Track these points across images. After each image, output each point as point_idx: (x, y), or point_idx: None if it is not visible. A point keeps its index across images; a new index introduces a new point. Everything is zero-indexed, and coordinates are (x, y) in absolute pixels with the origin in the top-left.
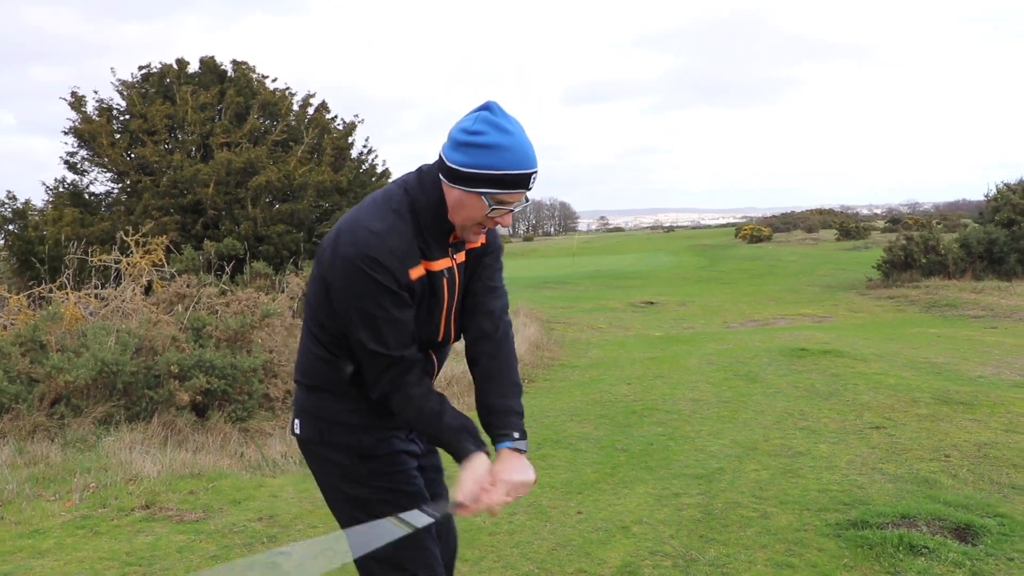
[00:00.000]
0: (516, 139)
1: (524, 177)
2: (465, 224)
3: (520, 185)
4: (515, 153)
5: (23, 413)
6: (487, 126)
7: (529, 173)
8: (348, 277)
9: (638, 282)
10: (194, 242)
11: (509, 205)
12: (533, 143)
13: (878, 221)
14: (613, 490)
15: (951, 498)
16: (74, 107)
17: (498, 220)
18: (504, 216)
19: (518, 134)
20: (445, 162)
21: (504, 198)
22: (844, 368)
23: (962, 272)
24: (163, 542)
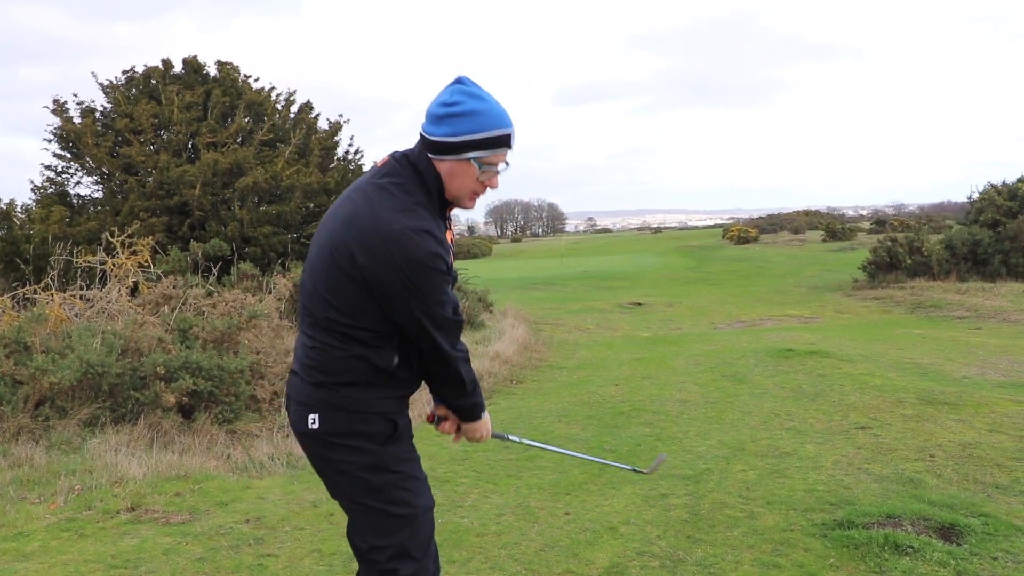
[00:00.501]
0: (491, 104)
1: (506, 137)
2: (460, 193)
3: (503, 144)
4: (493, 116)
5: (7, 415)
6: (463, 96)
7: (509, 132)
8: (419, 277)
9: (626, 283)
10: (180, 243)
11: (495, 166)
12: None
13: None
14: (601, 491)
15: (936, 498)
16: (57, 113)
17: (487, 183)
18: (492, 178)
19: (491, 100)
20: (430, 138)
21: (490, 159)
22: (830, 369)
23: (947, 273)
24: (149, 544)
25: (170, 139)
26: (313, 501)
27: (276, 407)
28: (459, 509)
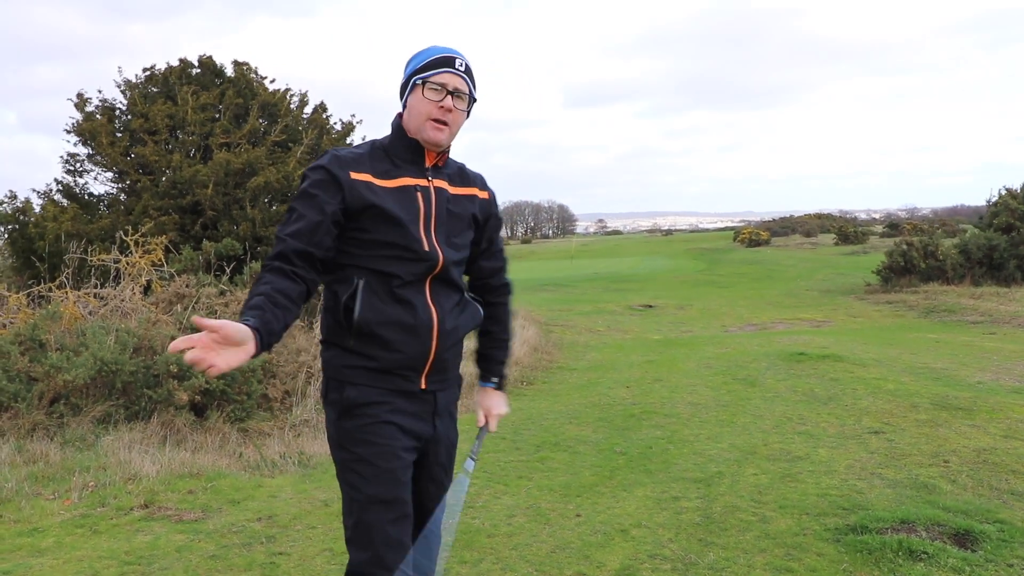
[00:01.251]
0: (434, 46)
1: (447, 58)
2: (419, 123)
3: (444, 64)
4: (432, 48)
5: (22, 412)
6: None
7: (451, 56)
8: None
9: (636, 285)
10: (193, 242)
11: (444, 86)
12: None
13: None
14: (612, 493)
15: (950, 503)
16: (78, 107)
17: (440, 103)
18: (445, 98)
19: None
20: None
21: (434, 79)
22: (843, 373)
23: (961, 278)
24: (162, 541)
25: (184, 139)
26: (325, 500)
27: (288, 406)
28: (470, 510)
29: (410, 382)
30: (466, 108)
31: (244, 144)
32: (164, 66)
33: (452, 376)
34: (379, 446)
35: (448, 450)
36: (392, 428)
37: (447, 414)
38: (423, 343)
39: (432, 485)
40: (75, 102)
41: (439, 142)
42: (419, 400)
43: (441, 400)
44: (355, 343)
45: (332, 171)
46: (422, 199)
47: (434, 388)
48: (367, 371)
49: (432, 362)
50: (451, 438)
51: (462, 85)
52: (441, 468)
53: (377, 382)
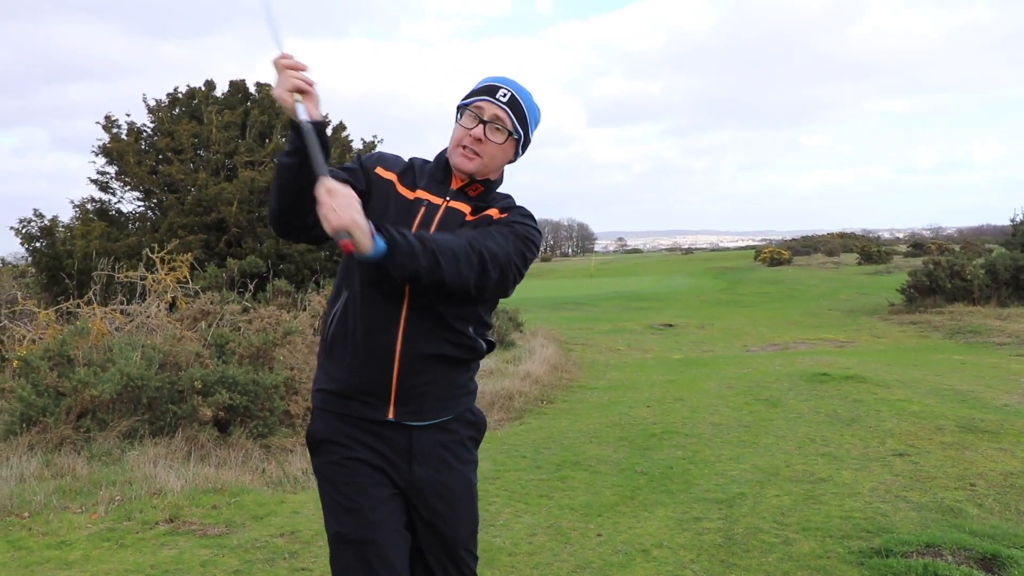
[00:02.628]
0: (496, 75)
1: (490, 87)
2: (452, 148)
3: (486, 92)
4: (490, 78)
5: (50, 426)
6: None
7: (495, 85)
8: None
9: (657, 304)
10: (217, 260)
11: (480, 112)
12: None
13: (900, 245)
14: (633, 513)
15: (977, 528)
16: (106, 129)
17: (472, 132)
18: (476, 126)
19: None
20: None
21: (471, 106)
22: (867, 394)
23: (987, 298)
24: (187, 556)
25: (209, 158)
26: None
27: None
28: (491, 528)
29: (374, 409)
30: (504, 141)
31: (269, 162)
32: (187, 88)
33: (434, 409)
34: (343, 483)
35: (444, 496)
36: (356, 464)
37: (434, 457)
38: (381, 366)
39: (429, 534)
40: (103, 124)
41: (465, 169)
42: (387, 437)
43: (420, 440)
44: (325, 360)
45: (363, 161)
46: (422, 214)
47: (407, 420)
48: (331, 395)
49: (397, 390)
50: (447, 484)
51: (501, 116)
52: (438, 517)
53: (339, 408)
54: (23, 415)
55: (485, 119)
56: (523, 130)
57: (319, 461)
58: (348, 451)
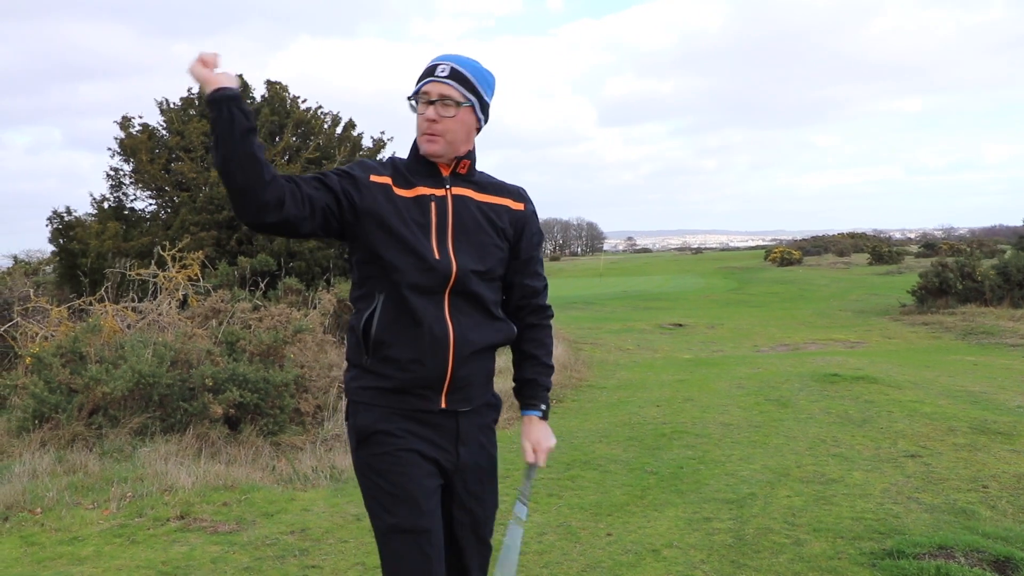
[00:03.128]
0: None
1: (429, 68)
2: (418, 138)
3: (427, 75)
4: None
5: (62, 423)
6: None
7: (432, 64)
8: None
9: (666, 304)
10: (229, 257)
11: (427, 95)
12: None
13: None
14: (643, 513)
15: (990, 530)
16: (122, 127)
17: (425, 115)
18: (426, 108)
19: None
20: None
21: (421, 91)
22: (878, 395)
23: (1000, 299)
24: (197, 552)
25: None
26: (356, 514)
27: (319, 420)
28: (501, 527)
29: (428, 401)
30: (455, 113)
31: (279, 160)
32: (198, 89)
33: (478, 395)
34: (396, 474)
35: (480, 476)
36: (410, 455)
37: (474, 440)
38: (438, 360)
39: (463, 514)
40: (119, 123)
41: (433, 153)
42: (437, 424)
43: (464, 425)
44: (370, 362)
45: (353, 172)
46: (435, 209)
47: (455, 407)
48: (382, 392)
49: (450, 380)
50: (482, 464)
51: (448, 90)
52: (473, 497)
53: (392, 403)
54: (36, 411)
55: (433, 99)
56: (474, 96)
57: (368, 453)
58: (401, 441)
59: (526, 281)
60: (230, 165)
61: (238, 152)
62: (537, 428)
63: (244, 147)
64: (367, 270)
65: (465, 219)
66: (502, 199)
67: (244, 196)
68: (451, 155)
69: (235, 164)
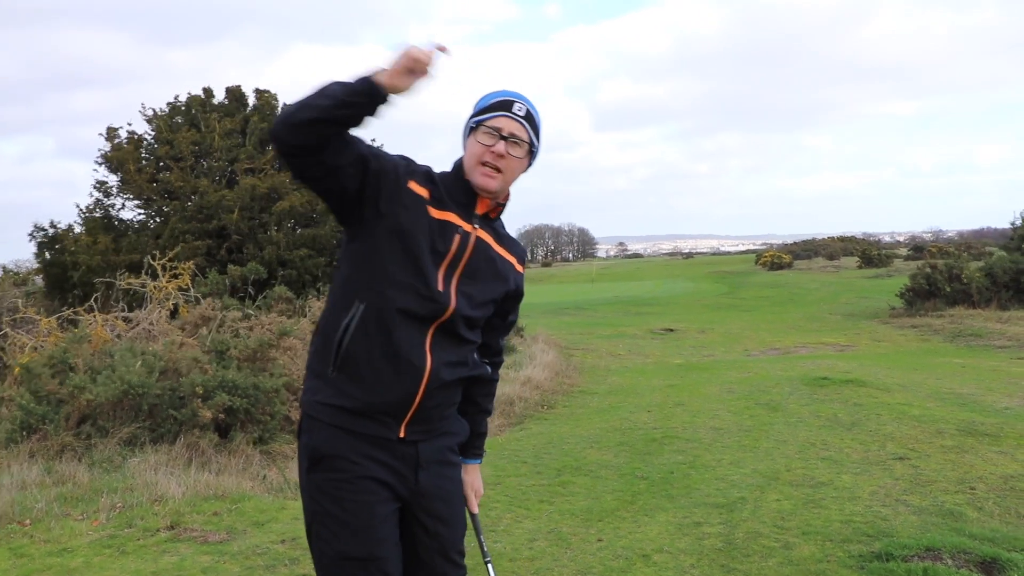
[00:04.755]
0: (502, 89)
1: (505, 102)
2: (471, 166)
3: (500, 108)
4: (495, 93)
5: (50, 433)
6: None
7: (508, 99)
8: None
9: (657, 309)
10: (219, 266)
11: (499, 130)
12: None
13: (900, 248)
14: (633, 518)
15: (977, 531)
16: (108, 139)
17: (493, 148)
18: (497, 143)
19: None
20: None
21: (489, 123)
22: (867, 398)
23: (987, 301)
24: (188, 563)
25: (210, 165)
26: None
27: None
28: (492, 534)
29: (387, 428)
30: (524, 155)
31: (269, 169)
32: (186, 96)
33: (439, 427)
34: (350, 502)
35: (445, 499)
36: (366, 482)
37: (435, 464)
38: (407, 388)
39: (429, 539)
40: (104, 135)
41: (488, 188)
42: (396, 451)
43: (425, 451)
44: (335, 373)
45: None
46: (458, 242)
47: (413, 438)
48: (341, 411)
49: (415, 411)
50: (445, 487)
51: (519, 131)
52: (438, 520)
53: (350, 425)
54: (23, 423)
55: (505, 135)
56: (538, 143)
57: (321, 477)
58: (356, 467)
59: (499, 341)
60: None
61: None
62: (477, 475)
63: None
64: (357, 272)
65: (477, 264)
66: (511, 256)
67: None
68: (501, 195)
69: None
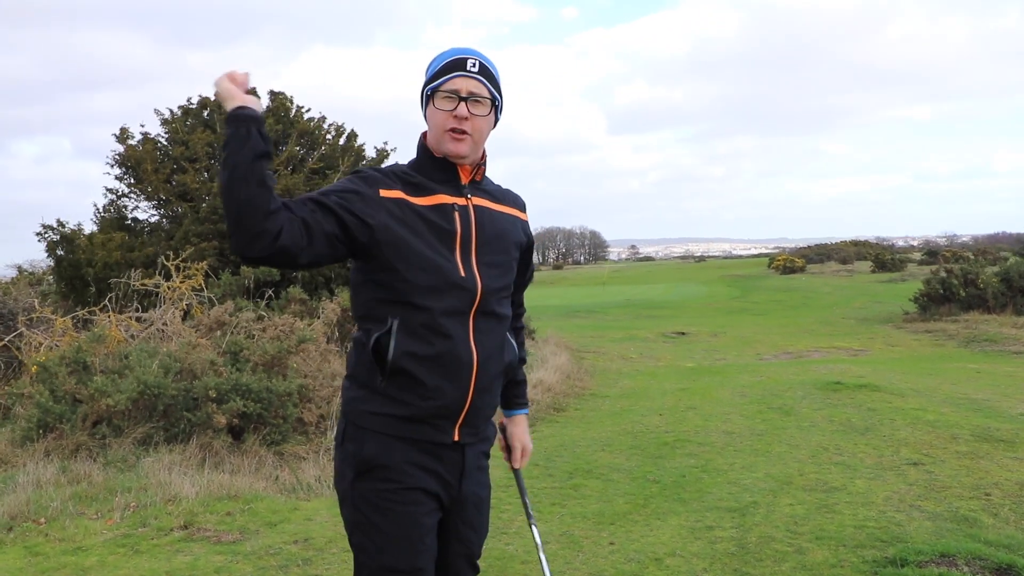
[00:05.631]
0: (451, 48)
1: (456, 61)
2: (438, 137)
3: (454, 68)
4: (444, 53)
5: (67, 432)
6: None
7: (460, 57)
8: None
9: (669, 312)
10: (232, 267)
11: (457, 92)
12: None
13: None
14: (646, 521)
15: (992, 537)
16: (120, 140)
17: (456, 112)
18: (459, 106)
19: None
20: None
21: (445, 86)
22: (881, 403)
23: (1003, 307)
24: (201, 562)
25: None
26: None
27: (323, 430)
28: (503, 536)
29: (442, 432)
30: (488, 112)
31: (283, 170)
32: (199, 98)
33: (484, 430)
34: (398, 514)
35: (477, 506)
36: (415, 494)
37: (475, 470)
38: (461, 387)
39: (459, 545)
40: (116, 136)
41: (460, 153)
42: (446, 457)
43: (470, 456)
44: (386, 384)
45: (358, 188)
46: (460, 220)
47: (464, 440)
48: (395, 419)
49: (468, 410)
50: (480, 495)
51: (478, 88)
52: (469, 527)
53: (404, 432)
54: (40, 421)
55: (464, 96)
56: (499, 95)
57: (370, 487)
58: (407, 478)
59: (520, 294)
60: (235, 185)
61: (246, 173)
62: (524, 428)
63: (254, 170)
64: (380, 291)
65: (488, 233)
66: (512, 209)
67: (242, 221)
68: (474, 157)
69: (240, 185)
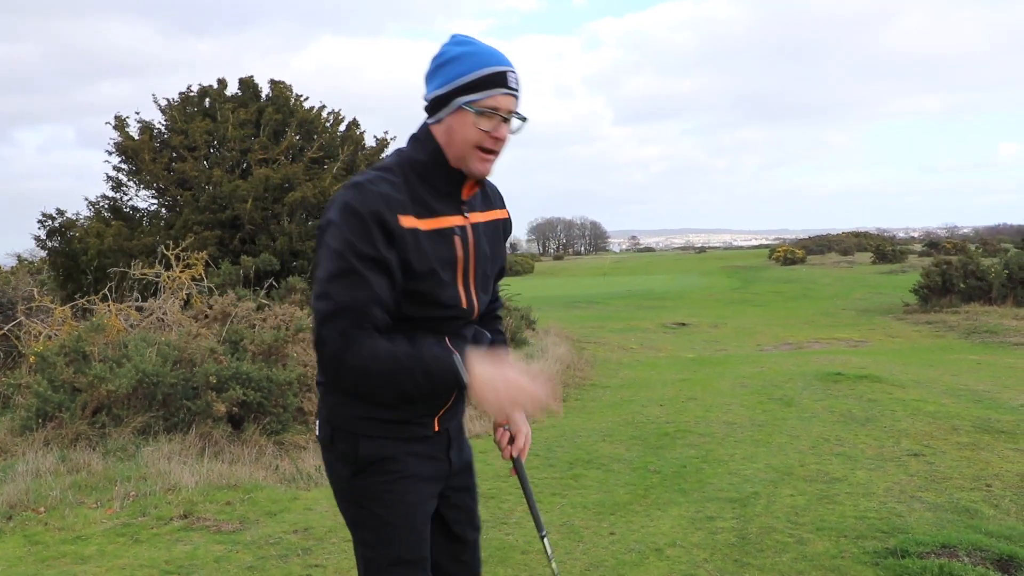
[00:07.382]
0: (477, 46)
1: (498, 75)
2: (463, 152)
3: (496, 83)
4: (479, 55)
5: (66, 421)
6: (448, 46)
7: (502, 70)
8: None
9: (669, 303)
10: (232, 256)
11: (497, 111)
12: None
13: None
14: (646, 512)
15: (993, 528)
16: (117, 128)
17: (493, 132)
18: (498, 127)
19: (480, 43)
20: (426, 102)
21: (486, 102)
22: (881, 394)
23: (1003, 298)
24: (201, 551)
25: (224, 155)
26: None
27: None
28: (504, 526)
29: (425, 427)
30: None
31: (282, 160)
32: (198, 87)
33: (460, 407)
34: (400, 504)
35: (466, 470)
36: (412, 481)
37: (458, 440)
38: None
39: (458, 512)
40: (113, 124)
41: (485, 174)
42: (433, 441)
43: (453, 432)
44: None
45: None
46: (460, 245)
47: (445, 426)
48: (383, 422)
49: (448, 407)
50: (467, 459)
51: (514, 106)
52: (463, 492)
53: (391, 433)
54: (39, 410)
55: (504, 116)
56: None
57: (369, 481)
58: (405, 467)
59: (495, 288)
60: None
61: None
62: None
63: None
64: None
65: (481, 252)
66: (497, 212)
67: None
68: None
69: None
